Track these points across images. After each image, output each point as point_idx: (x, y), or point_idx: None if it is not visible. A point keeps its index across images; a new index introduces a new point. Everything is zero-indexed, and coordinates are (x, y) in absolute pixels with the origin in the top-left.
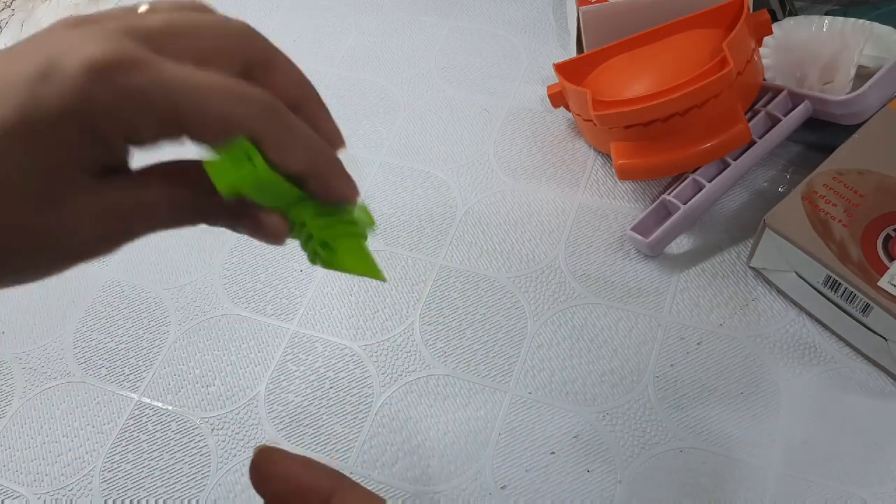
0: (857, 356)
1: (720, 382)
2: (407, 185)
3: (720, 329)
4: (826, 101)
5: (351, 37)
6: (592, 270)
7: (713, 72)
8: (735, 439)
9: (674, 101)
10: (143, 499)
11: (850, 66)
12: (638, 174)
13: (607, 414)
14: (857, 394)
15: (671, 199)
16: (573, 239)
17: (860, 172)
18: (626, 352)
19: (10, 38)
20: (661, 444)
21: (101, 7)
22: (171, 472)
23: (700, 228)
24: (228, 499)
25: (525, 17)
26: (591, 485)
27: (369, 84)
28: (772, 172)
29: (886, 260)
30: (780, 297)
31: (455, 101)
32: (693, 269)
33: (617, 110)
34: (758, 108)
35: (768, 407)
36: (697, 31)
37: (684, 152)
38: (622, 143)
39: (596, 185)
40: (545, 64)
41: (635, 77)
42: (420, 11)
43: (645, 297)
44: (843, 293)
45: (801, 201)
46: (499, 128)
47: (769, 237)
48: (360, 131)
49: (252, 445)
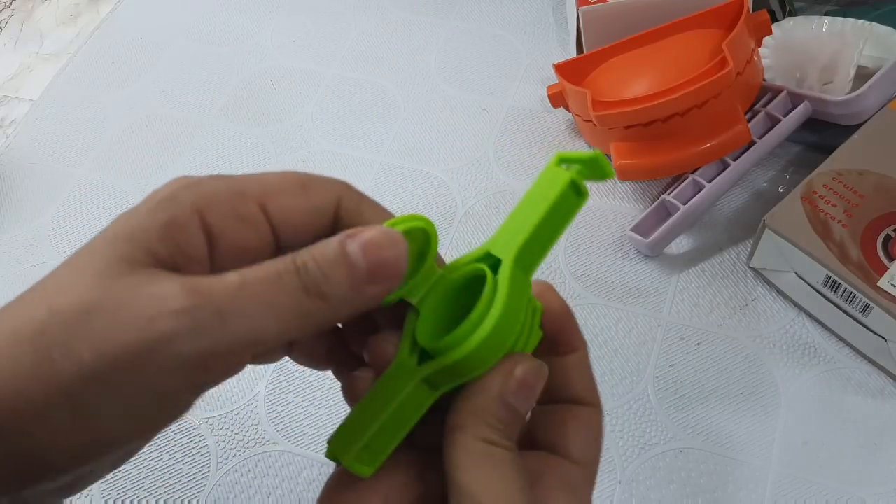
0: (857, 356)
1: (720, 383)
2: (407, 186)
3: (720, 329)
4: (826, 101)
5: (351, 37)
6: (592, 270)
7: (713, 72)
8: (735, 439)
9: (674, 101)
10: (143, 499)
11: (849, 67)
12: (638, 174)
13: (607, 414)
14: (857, 394)
15: (671, 200)
16: (573, 239)
17: (860, 173)
18: (626, 352)
19: (10, 38)
20: (661, 444)
21: (101, 8)
22: (171, 472)
23: (700, 228)
24: (228, 499)
25: (525, 17)
26: None
27: (369, 84)
28: (772, 172)
29: (886, 260)
30: (779, 297)
31: (455, 101)
32: (693, 269)
33: (617, 110)
34: (758, 109)
35: (768, 407)
36: (697, 32)
37: (684, 152)
38: (622, 144)
39: (596, 186)
40: (545, 64)
41: (635, 77)
42: (420, 11)
43: (645, 298)
44: (843, 293)
45: (801, 201)
46: (498, 128)
47: (769, 237)
48: (360, 131)
49: (252, 445)
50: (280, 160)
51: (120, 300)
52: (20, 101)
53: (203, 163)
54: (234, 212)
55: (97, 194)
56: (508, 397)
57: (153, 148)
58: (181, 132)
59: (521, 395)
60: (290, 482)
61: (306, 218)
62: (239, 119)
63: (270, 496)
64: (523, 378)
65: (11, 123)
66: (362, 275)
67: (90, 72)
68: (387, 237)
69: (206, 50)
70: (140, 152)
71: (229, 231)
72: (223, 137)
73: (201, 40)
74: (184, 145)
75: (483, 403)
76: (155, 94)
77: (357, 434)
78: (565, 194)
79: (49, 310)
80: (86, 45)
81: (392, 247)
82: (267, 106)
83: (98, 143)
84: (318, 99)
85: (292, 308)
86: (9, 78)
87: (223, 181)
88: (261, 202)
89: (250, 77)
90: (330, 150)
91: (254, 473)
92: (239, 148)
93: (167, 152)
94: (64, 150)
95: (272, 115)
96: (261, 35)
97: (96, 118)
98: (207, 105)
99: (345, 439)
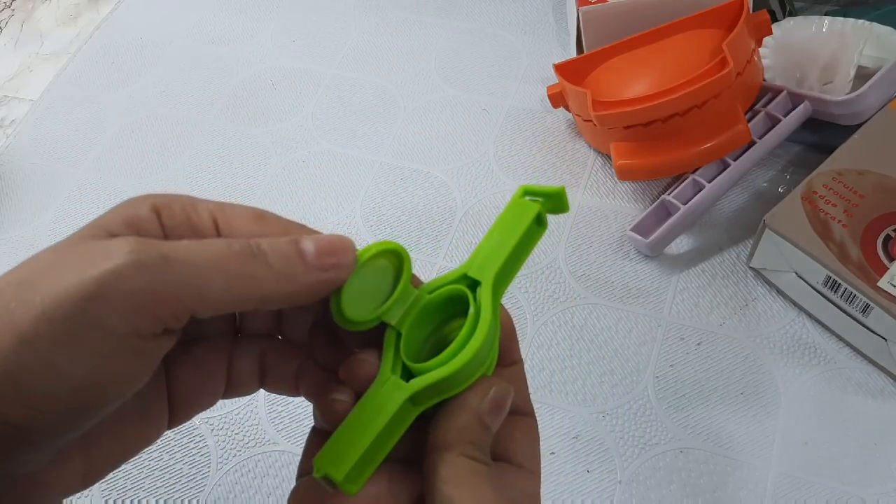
0: (857, 356)
1: (720, 383)
2: (407, 186)
3: (720, 329)
4: (826, 101)
5: (351, 37)
6: (592, 270)
7: (713, 72)
8: (735, 439)
9: (674, 101)
10: (142, 499)
11: (849, 67)
12: (638, 174)
13: (607, 414)
14: (857, 394)
15: (671, 200)
16: (573, 239)
17: (860, 173)
18: (626, 352)
19: (10, 38)
20: (661, 444)
21: (101, 9)
22: (171, 472)
23: (700, 228)
24: (228, 499)
25: (525, 17)
26: (590, 485)
27: (369, 84)
28: (772, 172)
29: (886, 260)
30: (780, 297)
31: (455, 101)
32: (693, 269)
33: (617, 110)
34: (758, 109)
35: (768, 407)
36: (697, 32)
37: (684, 152)
38: (622, 144)
39: (596, 186)
40: (545, 64)
41: (635, 77)
42: (420, 11)
43: (645, 298)
44: (843, 293)
45: (801, 201)
46: (498, 128)
47: (769, 237)
48: (359, 131)
49: (252, 445)
50: (280, 160)
51: (72, 253)
52: (20, 101)
53: (203, 163)
54: (187, 220)
55: (97, 194)
56: (485, 417)
57: (153, 148)
58: (181, 132)
59: (494, 413)
60: (290, 482)
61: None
62: (239, 119)
63: (270, 496)
64: (496, 398)
65: (11, 123)
66: (311, 252)
67: (90, 72)
68: (336, 236)
69: (206, 50)
70: (140, 152)
71: (178, 236)
72: (223, 137)
73: (201, 40)
74: (184, 145)
75: (465, 422)
76: (155, 94)
77: (347, 452)
78: (532, 225)
79: (6, 278)
80: (86, 45)
81: (340, 239)
82: (267, 106)
83: (98, 143)
84: (318, 99)
85: (237, 268)
86: (9, 78)
87: (183, 195)
88: (214, 218)
89: (250, 77)
90: (330, 150)
91: (254, 473)
92: (239, 148)
93: (167, 152)
94: (64, 150)
95: (272, 115)
96: (261, 35)
97: (96, 118)
98: (207, 105)
99: (334, 458)
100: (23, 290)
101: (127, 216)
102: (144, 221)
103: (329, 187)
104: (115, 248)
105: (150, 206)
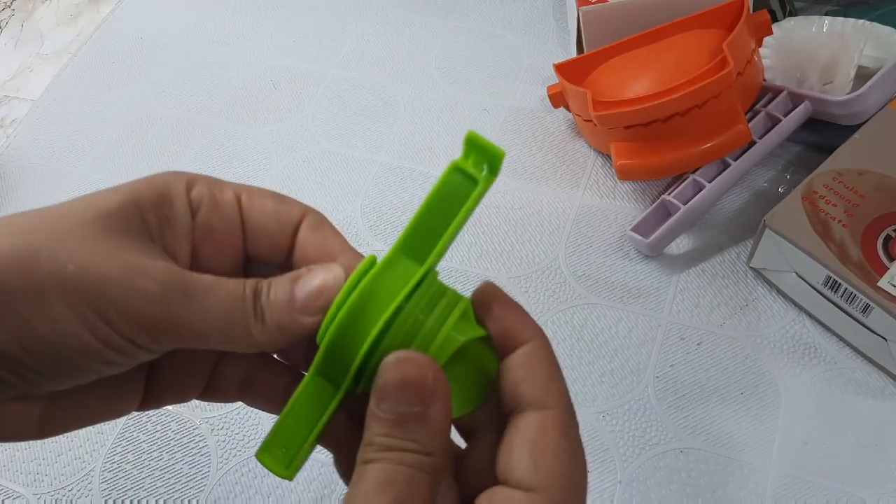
0: (857, 356)
1: (720, 383)
2: (407, 186)
3: (720, 329)
4: (826, 101)
5: (351, 37)
6: (592, 270)
7: (713, 72)
8: (735, 439)
9: (674, 101)
10: (143, 499)
11: (850, 67)
12: (638, 174)
13: (607, 414)
14: (857, 394)
15: (671, 200)
16: (573, 239)
17: (860, 173)
18: (626, 352)
19: (10, 37)
20: (661, 444)
21: (101, 9)
22: (171, 472)
23: (700, 228)
24: (228, 499)
25: (525, 17)
26: (591, 485)
27: (369, 84)
28: (772, 173)
29: (886, 260)
30: (780, 297)
31: (455, 101)
32: (693, 269)
33: (617, 110)
34: (758, 109)
35: (768, 407)
36: (697, 32)
37: (684, 152)
38: (622, 144)
39: (596, 186)
40: (545, 64)
41: (635, 77)
42: (420, 11)
43: (645, 298)
44: (844, 293)
45: (801, 202)
46: (499, 128)
47: (769, 237)
48: (359, 131)
49: (252, 445)
50: (280, 160)
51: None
52: (20, 101)
53: (203, 163)
54: (211, 196)
55: None
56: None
57: (153, 148)
58: (181, 132)
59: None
60: (290, 482)
61: (271, 220)
62: (239, 119)
63: (270, 496)
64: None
65: (11, 123)
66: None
67: (90, 72)
68: (321, 273)
69: (206, 50)
70: (140, 152)
71: (204, 212)
72: (223, 137)
73: (201, 40)
74: (184, 145)
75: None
76: (155, 94)
77: (272, 434)
78: (449, 180)
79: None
80: (86, 45)
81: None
82: (267, 106)
83: (98, 143)
84: (318, 99)
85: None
86: (9, 78)
87: (210, 176)
88: (237, 194)
89: (250, 77)
90: (330, 150)
91: (254, 473)
92: (239, 148)
93: (167, 152)
94: (64, 150)
95: (272, 115)
96: (261, 35)
97: (96, 118)
98: (207, 105)
99: (266, 442)
100: (56, 253)
101: (162, 190)
102: (176, 202)
103: (329, 187)
104: (154, 273)
105: (185, 183)
